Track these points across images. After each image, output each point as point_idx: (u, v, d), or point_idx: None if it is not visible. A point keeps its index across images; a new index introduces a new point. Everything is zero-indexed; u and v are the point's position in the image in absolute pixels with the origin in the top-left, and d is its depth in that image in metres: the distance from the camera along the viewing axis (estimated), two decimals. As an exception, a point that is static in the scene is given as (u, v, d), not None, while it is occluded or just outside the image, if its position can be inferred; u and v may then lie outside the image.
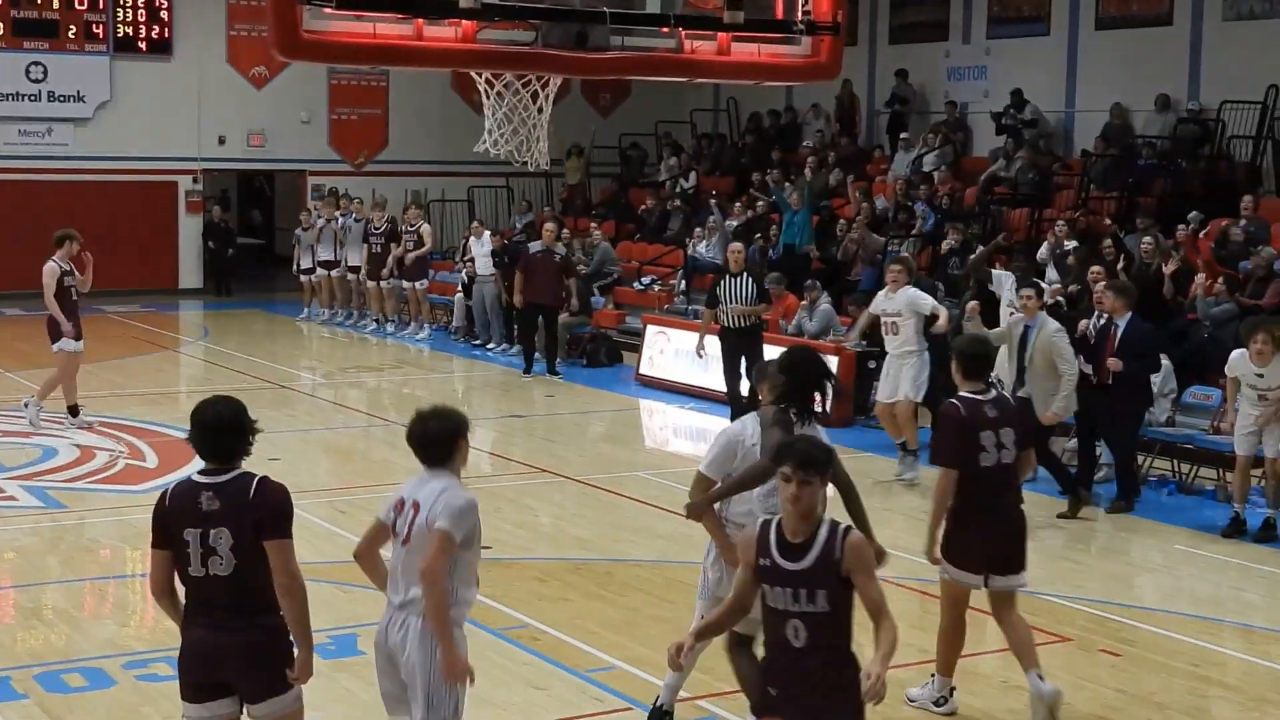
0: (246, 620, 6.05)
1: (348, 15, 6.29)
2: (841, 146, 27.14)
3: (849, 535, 5.91)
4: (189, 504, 6.04)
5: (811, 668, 5.82)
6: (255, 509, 6.01)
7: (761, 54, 7.48)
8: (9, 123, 29.14)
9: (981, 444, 8.31)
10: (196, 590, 6.08)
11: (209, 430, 6.09)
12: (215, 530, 5.97)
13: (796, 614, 5.87)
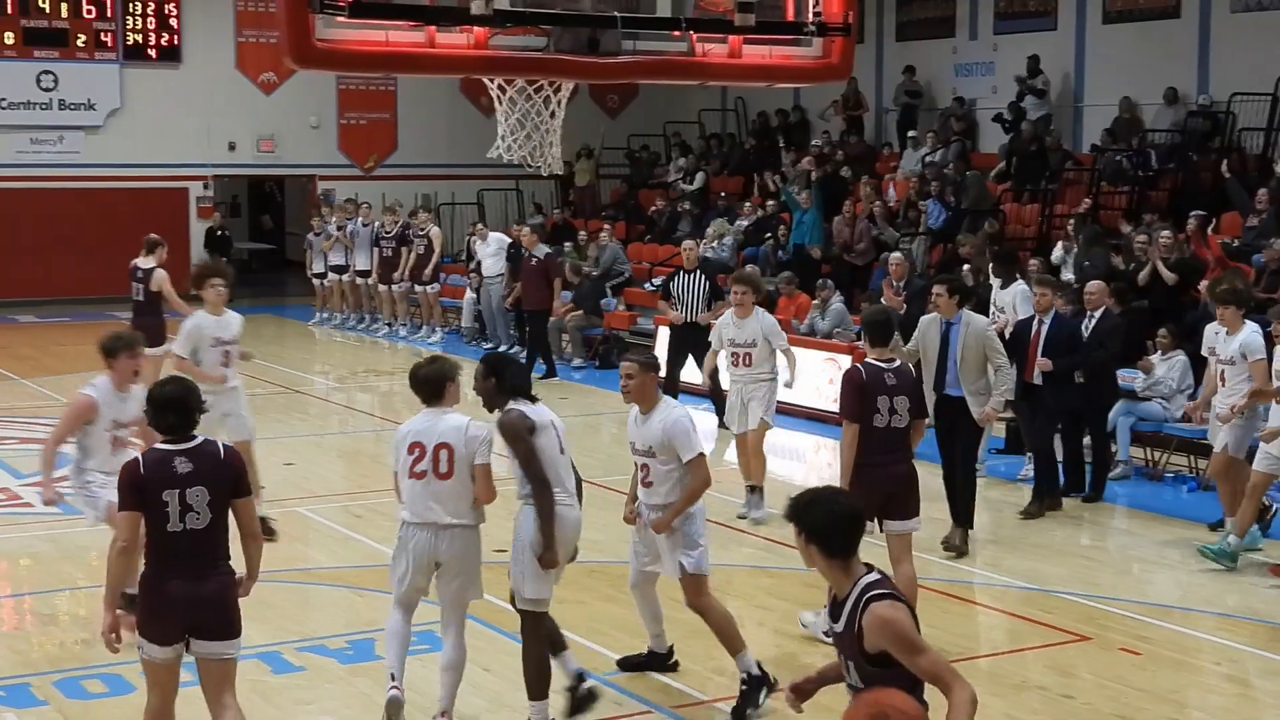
0: (217, 568, 6.95)
1: (360, 23, 6.29)
2: (850, 145, 27.13)
3: (871, 605, 5.26)
4: (164, 469, 6.85)
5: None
6: (228, 469, 6.97)
7: (773, 56, 7.48)
8: (20, 131, 29.22)
9: (877, 407, 9.38)
10: (173, 544, 6.84)
11: (169, 405, 6.98)
12: (193, 489, 6.82)
13: (850, 686, 5.38)
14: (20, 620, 10.78)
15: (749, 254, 23.89)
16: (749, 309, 12.79)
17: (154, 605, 6.90)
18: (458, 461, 7.88)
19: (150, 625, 6.91)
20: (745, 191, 27.31)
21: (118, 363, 9.45)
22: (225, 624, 6.95)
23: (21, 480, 14.36)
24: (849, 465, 9.42)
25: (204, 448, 6.96)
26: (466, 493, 7.89)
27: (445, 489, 7.86)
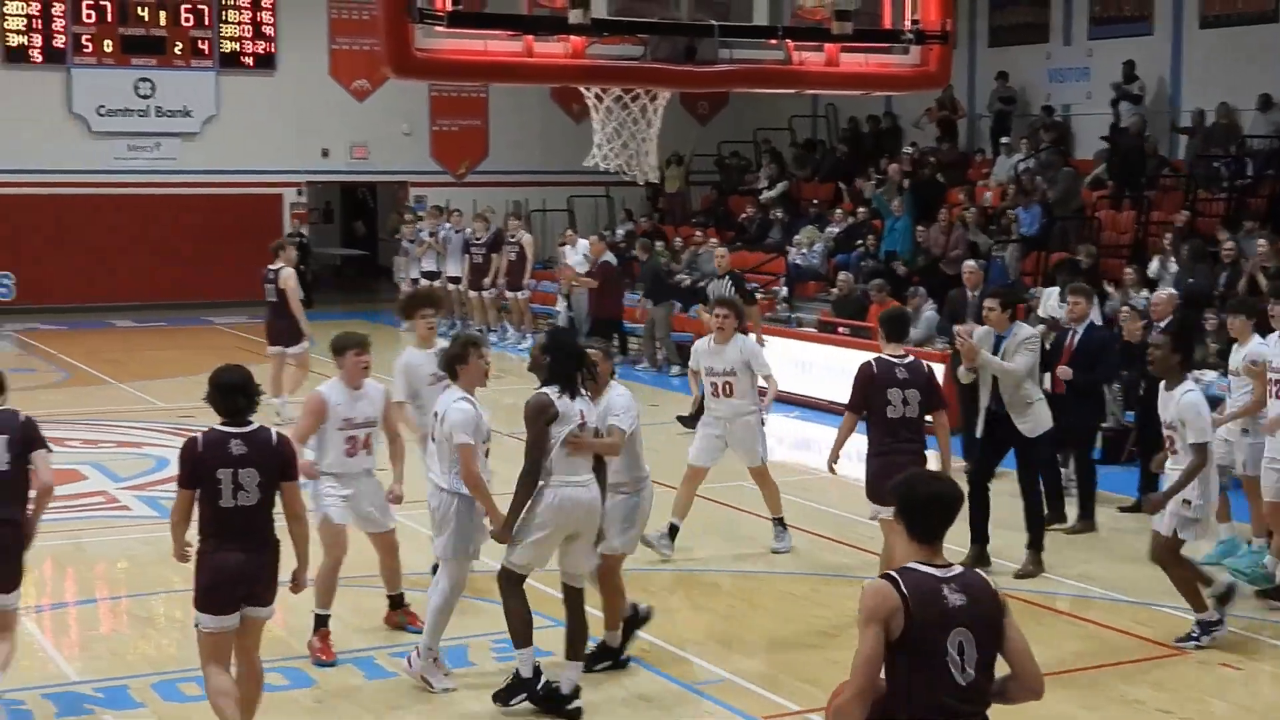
0: (265, 542, 7.57)
1: (460, 33, 6.32)
2: (942, 151, 26.96)
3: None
4: (221, 449, 7.46)
5: None
6: (279, 455, 7.59)
7: (870, 64, 7.44)
8: (119, 138, 29.64)
9: (889, 399, 10.10)
10: (225, 519, 7.47)
11: (227, 390, 7.56)
12: (245, 470, 7.43)
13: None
14: (118, 622, 10.91)
15: (840, 260, 23.80)
16: (729, 334, 11.93)
17: (211, 577, 7.51)
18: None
19: (208, 597, 7.51)
20: (836, 198, 27.21)
21: (346, 360, 9.45)
22: (270, 592, 7.65)
23: (119, 484, 14.53)
24: (839, 445, 10.43)
25: (258, 434, 7.56)
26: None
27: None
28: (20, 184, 28.85)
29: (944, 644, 5.10)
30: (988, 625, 5.19)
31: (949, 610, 5.12)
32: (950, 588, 5.16)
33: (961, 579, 5.20)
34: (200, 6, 29.86)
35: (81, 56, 29.23)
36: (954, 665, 5.10)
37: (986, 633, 5.18)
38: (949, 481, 5.43)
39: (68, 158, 29.20)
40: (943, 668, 5.10)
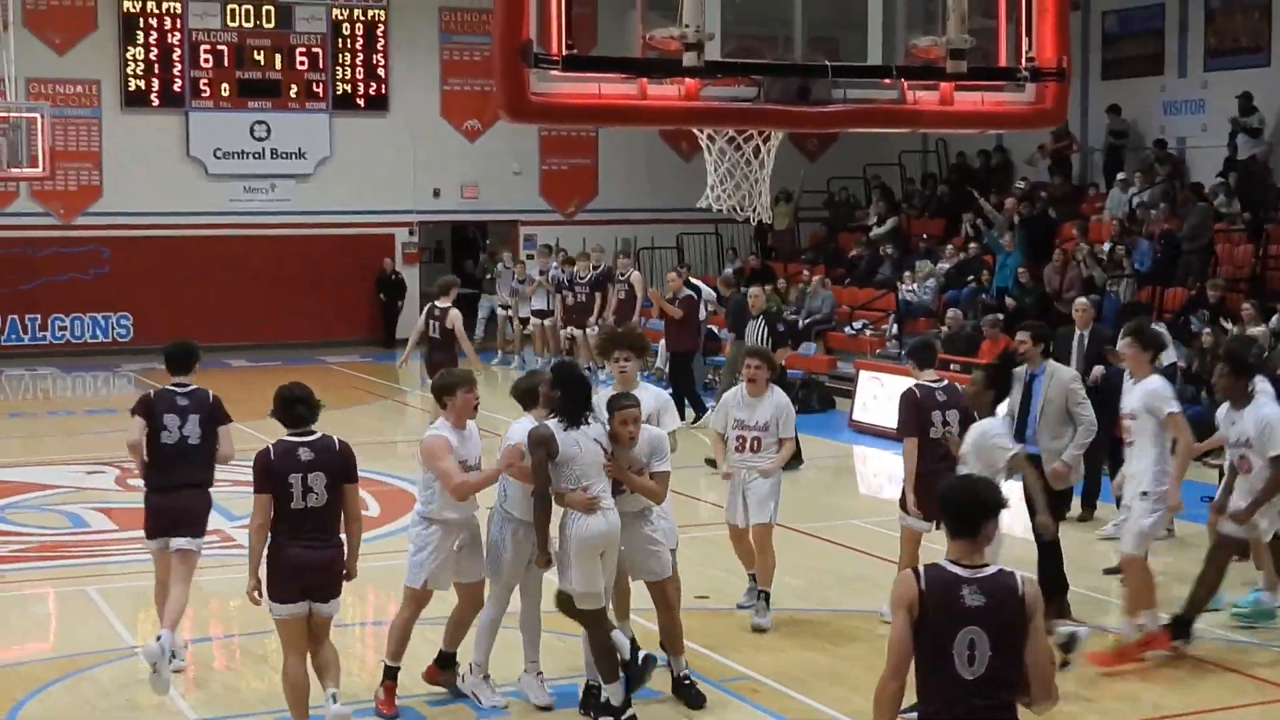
0: (329, 540, 8.44)
1: (574, 77, 6.33)
2: (1054, 185, 26.71)
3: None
4: (291, 457, 8.36)
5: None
6: (342, 459, 8.49)
7: (985, 102, 7.34)
8: (234, 180, 30.13)
9: (931, 421, 10.63)
10: (296, 520, 8.34)
11: (291, 402, 8.50)
12: (313, 474, 8.32)
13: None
14: (232, 660, 11.02)
15: (951, 296, 23.64)
16: (763, 386, 11.24)
17: (279, 570, 8.39)
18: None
19: (275, 587, 8.40)
20: (947, 233, 27.04)
21: (455, 400, 9.36)
22: (334, 586, 8.51)
23: (235, 522, 14.68)
24: (911, 474, 10.67)
25: (322, 441, 8.49)
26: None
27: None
28: (139, 225, 29.42)
29: (953, 638, 5.50)
30: (1006, 627, 5.52)
31: (964, 608, 5.51)
32: (971, 588, 5.54)
33: (989, 580, 5.55)
34: (314, 50, 30.33)
35: (199, 100, 29.77)
36: (960, 659, 5.49)
37: (1003, 633, 5.52)
38: (985, 483, 5.94)
39: (185, 200, 29.73)
40: (948, 659, 5.50)
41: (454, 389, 9.34)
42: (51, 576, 13.11)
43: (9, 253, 28.83)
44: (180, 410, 9.91)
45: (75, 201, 29.39)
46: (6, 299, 28.95)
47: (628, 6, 6.67)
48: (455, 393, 9.31)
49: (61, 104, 28.48)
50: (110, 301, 29.44)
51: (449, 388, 9.39)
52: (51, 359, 28.48)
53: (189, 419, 9.96)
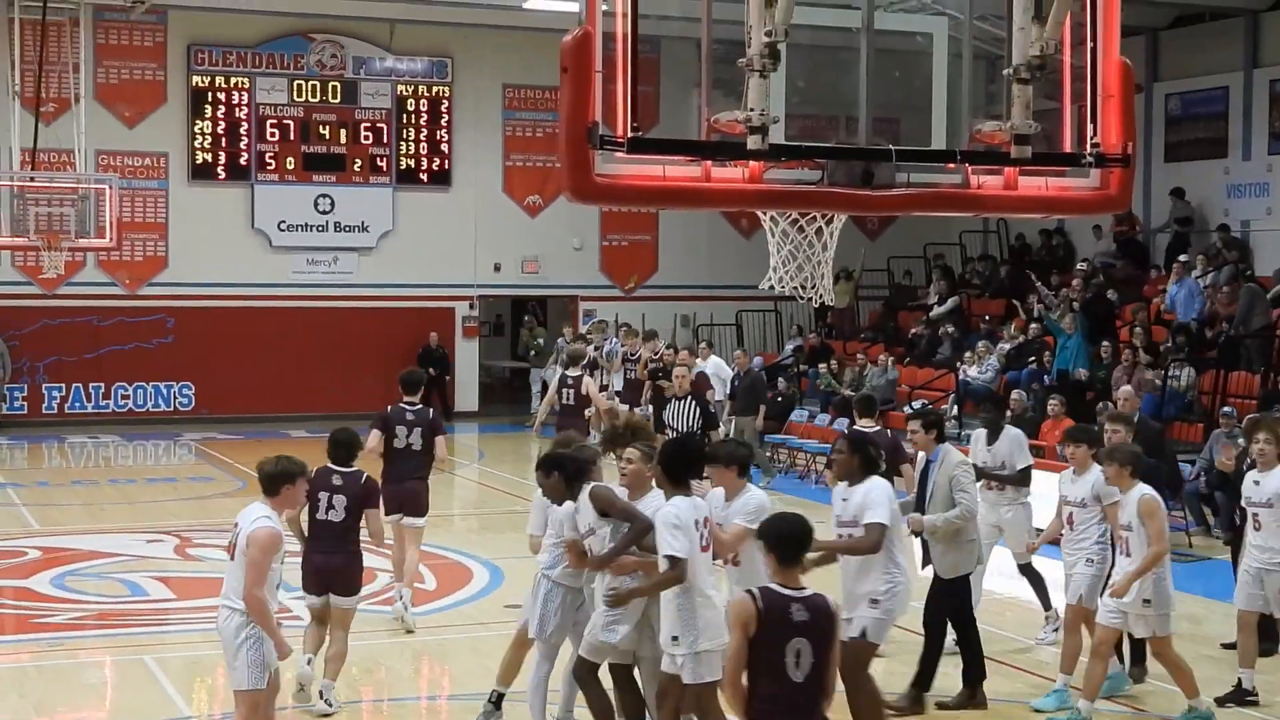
0: (345, 549, 10.83)
1: (639, 159, 6.37)
2: (1116, 268, 26.59)
3: None
4: (325, 480, 10.83)
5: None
6: (364, 489, 10.93)
7: (1049, 187, 7.34)
8: (299, 252, 30.40)
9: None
10: (319, 530, 10.85)
11: (337, 444, 11.14)
12: (337, 496, 10.81)
13: None
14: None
15: (1011, 378, 23.50)
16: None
17: (305, 569, 10.89)
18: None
19: (305, 581, 10.92)
20: (1008, 313, 26.94)
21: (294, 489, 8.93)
22: (347, 588, 10.80)
23: (292, 593, 14.69)
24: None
25: (353, 475, 10.97)
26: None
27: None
28: (203, 296, 29.71)
29: (784, 648, 6.58)
30: (824, 639, 6.66)
31: (792, 623, 6.60)
32: (797, 606, 6.64)
33: (809, 601, 6.67)
34: (379, 125, 30.65)
35: (264, 173, 30.11)
36: (790, 666, 6.58)
37: (821, 644, 6.65)
38: (802, 520, 6.95)
39: (248, 271, 30.02)
40: (781, 666, 6.57)
41: (294, 477, 8.86)
42: (109, 645, 13.16)
43: (75, 321, 29.16)
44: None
45: (141, 272, 29.72)
46: (72, 367, 29.24)
47: (689, 87, 6.72)
48: (295, 481, 8.85)
49: (130, 176, 28.86)
50: (173, 371, 29.69)
51: (289, 475, 8.83)
52: (114, 427, 28.72)
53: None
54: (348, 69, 30.45)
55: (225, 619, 8.55)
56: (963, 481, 11.02)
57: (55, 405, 29.30)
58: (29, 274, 28.45)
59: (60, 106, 26.73)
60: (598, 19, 6.29)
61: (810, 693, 6.62)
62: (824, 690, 6.68)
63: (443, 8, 28.14)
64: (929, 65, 7.44)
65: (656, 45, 8.77)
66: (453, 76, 31.03)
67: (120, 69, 29.37)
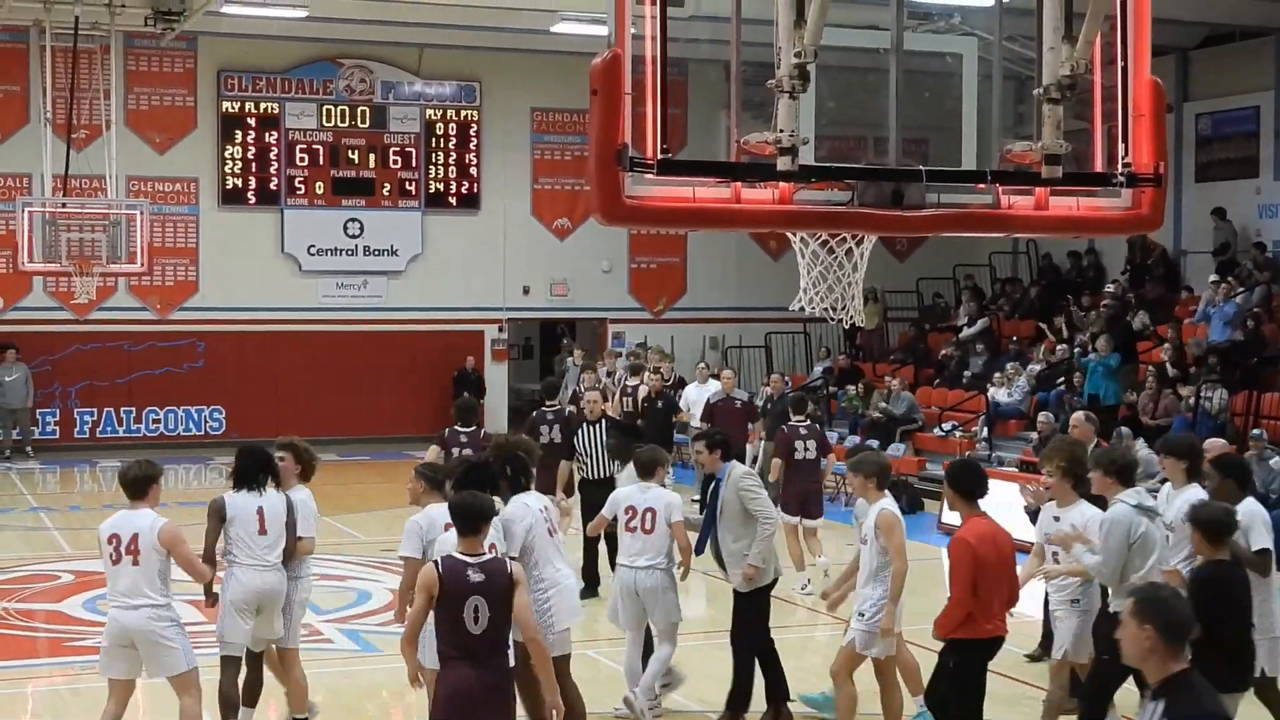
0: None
1: (668, 180, 6.37)
2: (1147, 288, 26.50)
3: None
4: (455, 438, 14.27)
5: None
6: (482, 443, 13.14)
7: (1080, 207, 7.31)
8: (328, 276, 30.50)
9: (794, 447, 16.48)
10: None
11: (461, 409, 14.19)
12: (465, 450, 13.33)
13: None
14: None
15: (1041, 399, 23.43)
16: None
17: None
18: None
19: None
20: (1038, 334, 26.86)
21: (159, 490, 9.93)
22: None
23: (322, 616, 14.72)
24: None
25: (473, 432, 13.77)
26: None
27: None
28: (233, 321, 29.82)
29: (463, 605, 7.84)
30: (499, 597, 7.91)
31: (469, 584, 7.86)
32: (474, 570, 7.92)
33: (485, 565, 7.97)
34: (408, 149, 30.75)
35: (294, 198, 30.24)
36: (469, 619, 7.84)
37: (498, 601, 7.90)
38: (485, 497, 8.47)
39: (278, 295, 30.13)
40: (459, 620, 7.84)
41: (157, 478, 9.84)
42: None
43: (107, 346, 29.30)
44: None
45: (172, 296, 29.85)
46: (104, 391, 29.37)
47: (717, 109, 6.72)
48: (158, 480, 9.83)
49: (160, 201, 29.01)
50: (204, 395, 29.79)
51: (154, 477, 9.80)
52: (145, 451, 28.63)
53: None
54: (376, 94, 30.57)
55: (148, 616, 9.54)
56: (752, 492, 11.03)
57: (87, 430, 29.42)
58: (61, 300, 28.61)
59: (92, 133, 26.89)
60: (627, 42, 6.30)
61: (487, 643, 7.90)
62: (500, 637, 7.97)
63: (471, 32, 28.23)
64: (958, 86, 7.43)
65: (684, 68, 8.77)
66: (481, 100, 31.12)
67: (151, 95, 29.54)
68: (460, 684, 7.83)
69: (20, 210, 24.58)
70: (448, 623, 7.88)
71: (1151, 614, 5.71)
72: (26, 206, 24.56)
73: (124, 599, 9.55)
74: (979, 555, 9.04)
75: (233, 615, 10.20)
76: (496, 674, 7.94)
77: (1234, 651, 8.28)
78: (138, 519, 9.59)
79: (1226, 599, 8.35)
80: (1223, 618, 8.16)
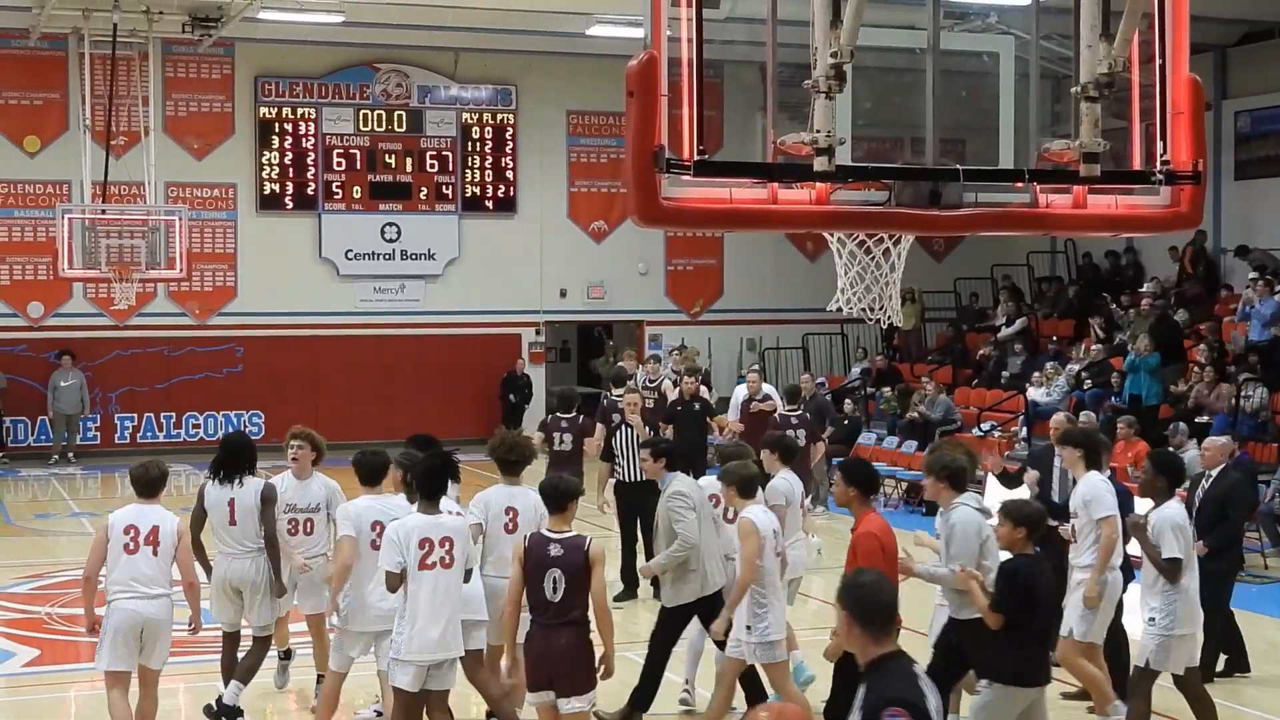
0: (572, 469, 13.43)
1: (705, 181, 6.37)
2: (1186, 287, 26.35)
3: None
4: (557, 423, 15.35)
5: None
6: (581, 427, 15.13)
7: (1118, 205, 7.28)
8: (365, 280, 30.60)
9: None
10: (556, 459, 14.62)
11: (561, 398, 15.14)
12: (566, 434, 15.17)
13: None
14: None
15: (1080, 398, 23.33)
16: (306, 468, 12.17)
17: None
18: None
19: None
20: (1077, 334, 26.75)
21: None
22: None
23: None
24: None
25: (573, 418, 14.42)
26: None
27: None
28: (272, 325, 29.95)
29: (543, 575, 8.89)
30: (575, 571, 8.88)
31: (548, 557, 8.92)
32: (555, 545, 8.97)
33: (565, 541, 8.99)
34: (445, 153, 30.82)
35: (331, 203, 30.34)
36: (548, 588, 8.90)
37: (573, 575, 8.87)
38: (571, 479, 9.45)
39: (316, 300, 30.24)
40: (540, 589, 8.91)
41: (165, 479, 10.51)
42: (183, 672, 13.20)
43: (147, 352, 29.45)
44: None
45: (211, 302, 29.99)
46: (144, 397, 29.53)
47: (752, 111, 6.71)
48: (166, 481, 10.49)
49: (199, 207, 29.15)
50: (242, 399, 29.91)
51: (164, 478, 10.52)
52: (186, 456, 28.88)
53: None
54: (413, 98, 30.66)
55: (166, 606, 10.09)
56: (678, 512, 10.94)
57: (128, 435, 29.59)
58: (101, 306, 28.77)
59: (130, 140, 27.04)
60: (663, 43, 6.30)
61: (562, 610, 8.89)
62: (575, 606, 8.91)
63: (506, 35, 28.29)
64: (995, 85, 7.41)
65: (720, 70, 8.81)
66: (517, 104, 31.17)
67: (189, 101, 29.70)
68: (543, 645, 8.91)
69: (60, 217, 24.72)
70: (533, 591, 8.93)
71: (849, 600, 5.87)
72: (66, 213, 24.70)
73: (143, 588, 9.96)
74: (886, 547, 9.23)
75: (217, 596, 11.14)
76: (573, 636, 8.91)
77: (1036, 646, 8.67)
78: (154, 513, 10.14)
79: (1031, 592, 8.62)
80: (1027, 611, 8.52)
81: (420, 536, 9.22)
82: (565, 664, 8.85)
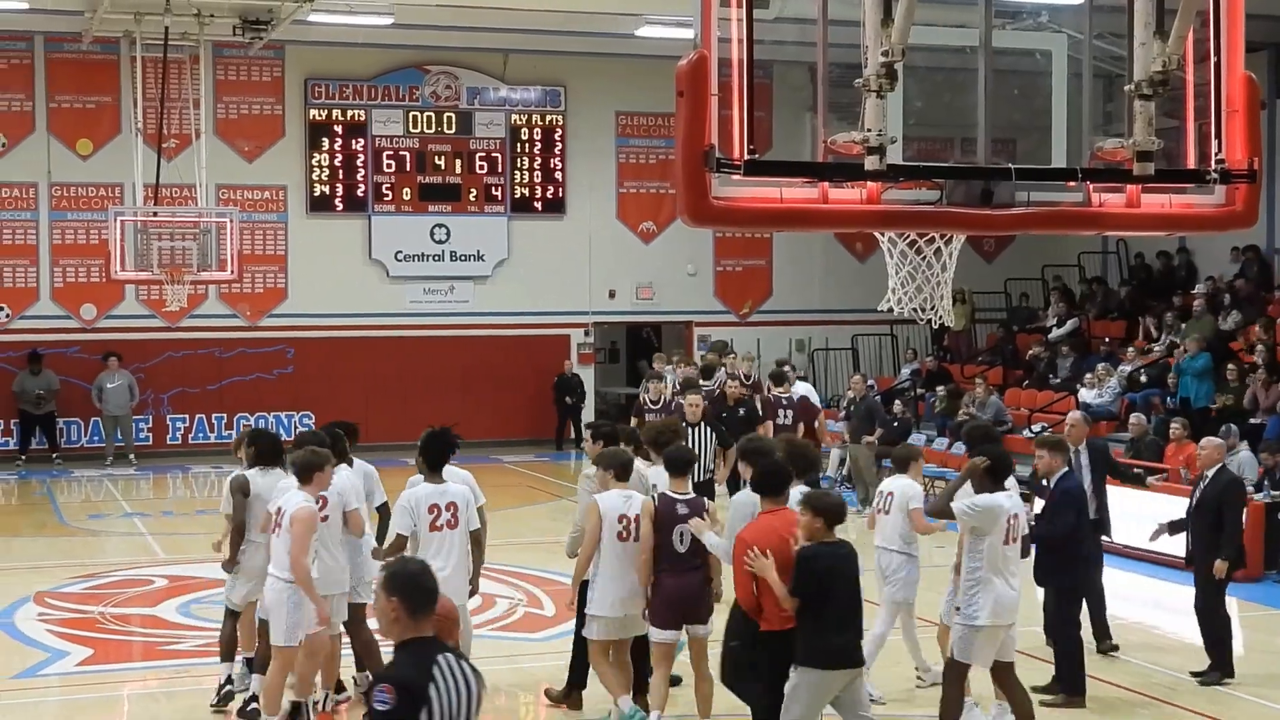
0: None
1: (755, 181, 6.36)
2: (1239, 288, 26.12)
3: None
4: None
5: None
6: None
7: (1173, 205, 7.22)
8: (415, 281, 30.68)
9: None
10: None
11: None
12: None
13: None
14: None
15: (1132, 399, 23.17)
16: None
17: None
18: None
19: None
20: (1128, 335, 26.55)
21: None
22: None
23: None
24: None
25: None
26: None
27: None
28: (322, 326, 30.06)
29: (672, 530, 10.43)
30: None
31: (676, 515, 10.45)
32: (680, 505, 10.52)
33: (689, 502, 10.59)
34: (494, 154, 30.87)
35: (381, 204, 30.43)
36: (676, 542, 10.47)
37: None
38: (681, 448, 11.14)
39: (366, 301, 30.34)
40: (669, 543, 10.45)
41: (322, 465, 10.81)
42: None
43: (198, 353, 29.62)
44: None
45: (261, 303, 30.13)
46: (196, 398, 29.70)
47: (801, 111, 6.73)
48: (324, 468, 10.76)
49: (249, 209, 29.27)
50: (293, 400, 30.02)
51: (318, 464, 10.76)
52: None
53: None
54: (462, 100, 30.72)
55: (270, 585, 10.59)
56: (581, 497, 11.60)
57: (179, 436, 29.76)
58: (153, 307, 28.95)
59: (181, 142, 27.18)
60: (713, 44, 6.30)
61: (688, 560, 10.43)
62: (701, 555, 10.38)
63: (555, 37, 28.31)
64: (1048, 84, 7.38)
65: (769, 70, 8.78)
66: (566, 105, 31.19)
67: (239, 104, 29.85)
68: (673, 589, 10.40)
69: (112, 219, 24.87)
70: (662, 545, 10.41)
71: (396, 587, 5.93)
72: (119, 216, 24.85)
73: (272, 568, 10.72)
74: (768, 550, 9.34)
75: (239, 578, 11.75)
76: (697, 580, 10.53)
77: (837, 630, 8.96)
78: (289, 497, 10.69)
79: (824, 577, 8.92)
80: (821, 596, 8.91)
81: (429, 503, 10.58)
82: (695, 600, 10.52)
